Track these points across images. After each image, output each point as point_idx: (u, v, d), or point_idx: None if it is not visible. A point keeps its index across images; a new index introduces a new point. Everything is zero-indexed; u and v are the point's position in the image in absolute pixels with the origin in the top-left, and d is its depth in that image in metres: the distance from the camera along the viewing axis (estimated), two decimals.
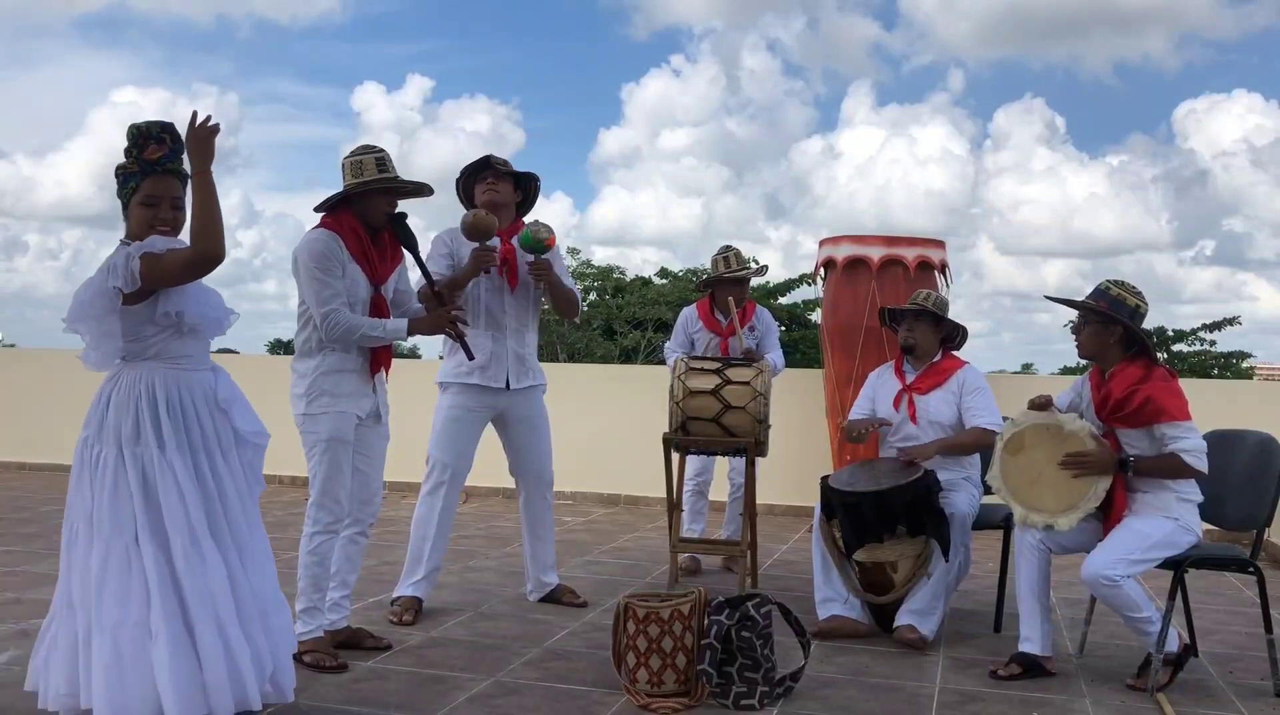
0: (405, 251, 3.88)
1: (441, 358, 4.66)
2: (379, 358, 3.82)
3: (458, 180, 4.57)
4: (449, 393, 4.51)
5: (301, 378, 3.75)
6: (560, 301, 4.56)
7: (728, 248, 5.54)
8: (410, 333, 3.83)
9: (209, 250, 2.83)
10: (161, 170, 2.91)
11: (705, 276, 5.74)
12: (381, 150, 3.78)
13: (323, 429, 3.70)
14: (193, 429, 2.93)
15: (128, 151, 2.92)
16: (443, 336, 4.50)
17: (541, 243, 4.32)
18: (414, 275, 4.04)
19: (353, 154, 3.76)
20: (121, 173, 2.95)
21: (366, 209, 3.74)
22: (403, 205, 3.86)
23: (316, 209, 3.80)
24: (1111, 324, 3.77)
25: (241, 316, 3.13)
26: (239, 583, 2.91)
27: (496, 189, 4.45)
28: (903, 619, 4.20)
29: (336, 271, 3.67)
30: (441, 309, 3.89)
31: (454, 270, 4.36)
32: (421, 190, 3.92)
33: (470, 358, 4.07)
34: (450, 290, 4.14)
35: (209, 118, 2.87)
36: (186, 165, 2.93)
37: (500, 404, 4.50)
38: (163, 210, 2.91)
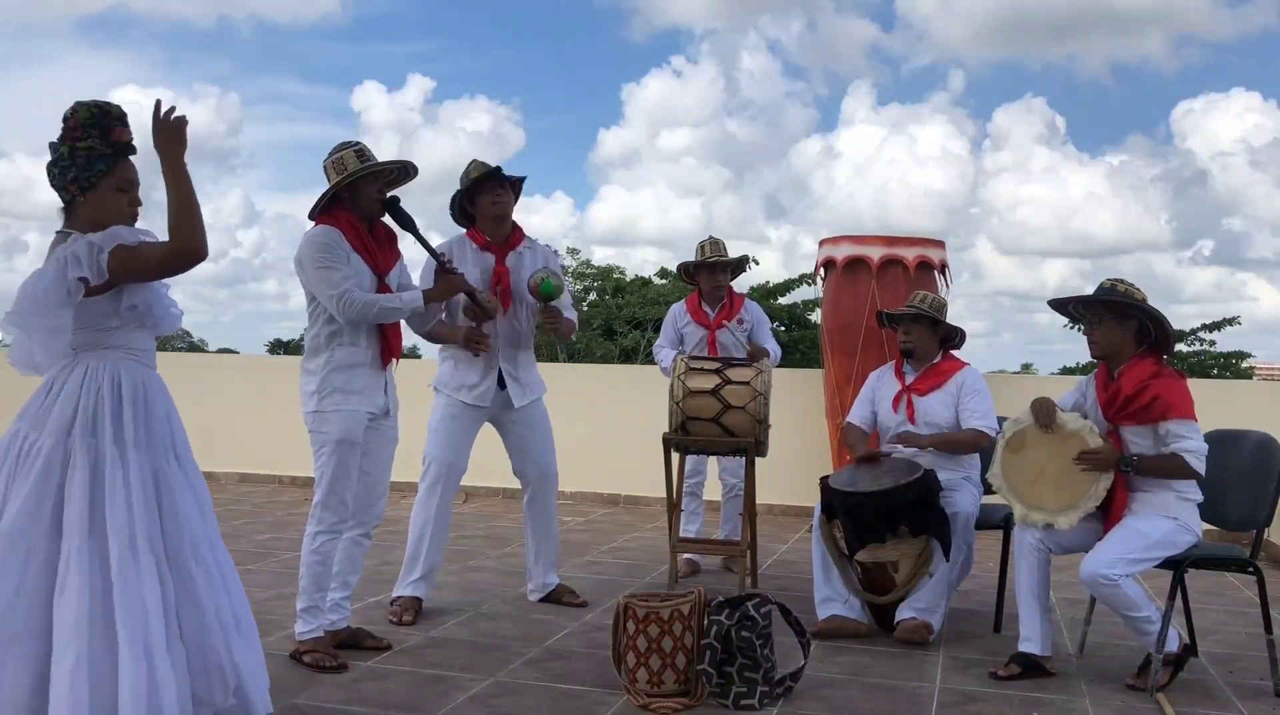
0: (406, 232, 3.90)
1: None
2: (390, 346, 3.83)
3: (459, 194, 4.46)
4: (444, 395, 4.52)
5: (312, 375, 3.75)
6: (563, 334, 4.56)
7: (711, 238, 5.55)
8: (426, 301, 3.88)
9: (192, 246, 2.61)
10: (128, 155, 2.75)
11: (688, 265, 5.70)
12: (359, 143, 3.80)
13: (333, 429, 3.70)
14: (154, 426, 2.71)
15: (84, 131, 2.68)
16: (438, 344, 4.52)
17: (560, 291, 4.42)
18: (414, 273, 4.04)
19: (332, 153, 3.78)
20: (85, 154, 2.68)
21: (358, 201, 3.76)
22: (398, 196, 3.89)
23: (310, 214, 3.81)
24: (1127, 318, 3.77)
25: (242, 316, 3.11)
26: (186, 603, 2.65)
27: (505, 200, 4.46)
28: (904, 612, 4.21)
29: (342, 258, 3.69)
30: (455, 275, 3.97)
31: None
32: (405, 169, 3.92)
33: (491, 318, 4.25)
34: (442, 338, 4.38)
35: (173, 108, 2.69)
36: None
37: (496, 409, 4.51)
38: (134, 196, 2.76)
